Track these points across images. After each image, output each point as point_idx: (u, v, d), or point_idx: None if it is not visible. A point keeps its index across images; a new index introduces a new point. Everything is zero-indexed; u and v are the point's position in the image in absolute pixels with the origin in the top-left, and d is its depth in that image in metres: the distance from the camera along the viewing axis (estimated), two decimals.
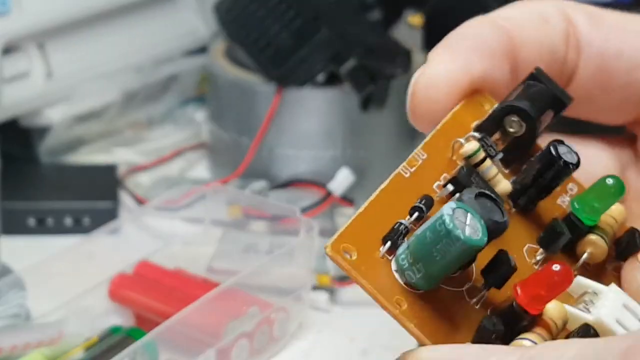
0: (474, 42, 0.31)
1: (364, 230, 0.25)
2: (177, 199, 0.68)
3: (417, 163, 0.27)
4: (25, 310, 0.59)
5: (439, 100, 0.30)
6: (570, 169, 0.27)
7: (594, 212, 0.28)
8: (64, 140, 0.80)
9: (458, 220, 0.24)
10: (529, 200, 0.28)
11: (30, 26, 0.75)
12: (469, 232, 0.24)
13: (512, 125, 0.28)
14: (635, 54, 0.32)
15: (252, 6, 0.78)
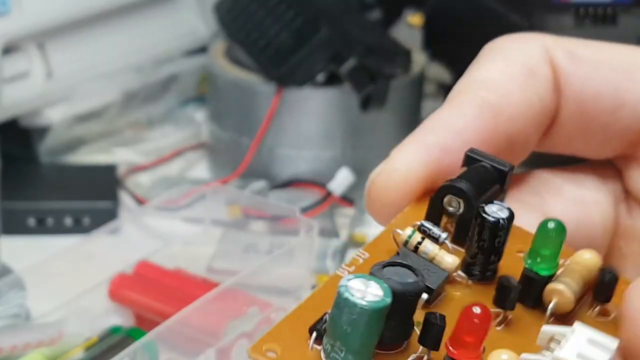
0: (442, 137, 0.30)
1: (291, 329, 0.25)
2: (177, 199, 0.68)
3: (357, 262, 0.28)
4: (25, 310, 0.59)
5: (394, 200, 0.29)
6: (502, 225, 0.27)
7: (546, 259, 0.27)
8: (63, 140, 0.81)
9: (356, 289, 0.24)
10: (482, 267, 0.28)
11: (30, 26, 0.75)
12: (369, 297, 0.24)
13: (452, 205, 0.28)
14: (616, 93, 0.30)
15: (252, 6, 0.78)
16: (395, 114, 0.77)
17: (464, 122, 0.30)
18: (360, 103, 0.73)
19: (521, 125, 0.30)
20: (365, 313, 0.24)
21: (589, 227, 0.31)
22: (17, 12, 0.74)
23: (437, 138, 0.30)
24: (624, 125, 0.31)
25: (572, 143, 0.32)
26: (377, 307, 0.24)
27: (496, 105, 0.30)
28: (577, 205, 0.31)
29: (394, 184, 0.29)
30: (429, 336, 0.25)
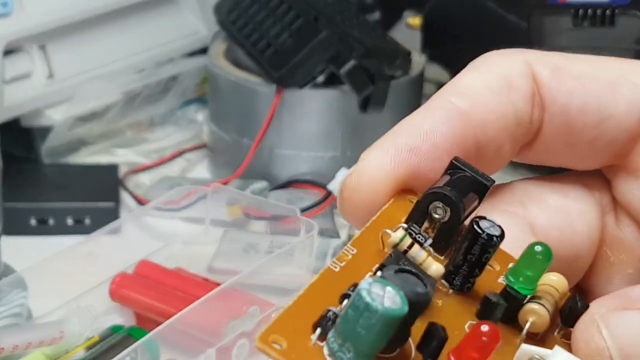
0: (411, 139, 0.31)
1: (294, 321, 0.26)
2: (177, 199, 0.69)
3: (347, 258, 0.28)
4: (27, 309, 0.59)
5: (364, 200, 0.30)
6: (495, 242, 0.28)
7: (528, 280, 0.28)
8: (65, 141, 0.81)
9: (375, 294, 0.24)
10: (464, 279, 0.28)
11: (32, 27, 0.76)
12: (388, 304, 0.24)
13: (437, 212, 0.28)
14: (600, 107, 0.30)
15: (252, 8, 0.78)
16: (395, 114, 0.77)
17: (431, 124, 0.30)
18: (360, 104, 0.73)
19: (492, 134, 0.30)
20: (384, 319, 0.24)
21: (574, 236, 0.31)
22: (19, 13, 0.75)
23: (406, 139, 0.31)
24: (610, 138, 0.31)
25: (558, 155, 0.32)
26: (396, 315, 0.24)
27: (465, 111, 0.30)
28: (561, 215, 0.31)
29: (365, 184, 0.30)
30: (430, 346, 0.26)
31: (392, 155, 0.30)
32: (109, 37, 0.82)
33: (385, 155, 0.31)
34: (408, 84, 0.77)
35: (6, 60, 0.74)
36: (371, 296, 0.24)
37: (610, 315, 0.27)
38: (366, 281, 0.25)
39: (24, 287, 0.59)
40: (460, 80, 0.31)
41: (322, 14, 0.75)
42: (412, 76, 0.77)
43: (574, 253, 0.31)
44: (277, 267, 0.63)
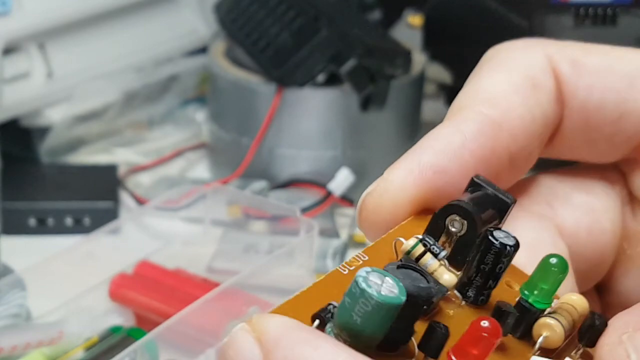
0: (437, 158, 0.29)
1: (294, 311, 0.26)
2: (177, 199, 0.68)
3: (357, 263, 0.28)
4: (26, 310, 0.59)
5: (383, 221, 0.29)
6: (508, 251, 0.27)
7: (543, 294, 0.28)
8: (64, 141, 0.81)
9: (373, 282, 0.24)
10: (477, 291, 0.28)
11: (31, 26, 0.76)
12: (385, 292, 0.24)
13: (454, 225, 0.28)
14: (619, 102, 0.30)
15: (252, 7, 0.78)
16: (396, 114, 0.77)
17: (461, 141, 0.29)
18: (360, 103, 0.73)
19: (523, 142, 0.30)
20: (380, 307, 0.24)
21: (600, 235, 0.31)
22: (18, 12, 0.75)
23: (431, 158, 0.29)
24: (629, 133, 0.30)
25: (576, 150, 0.31)
26: (392, 303, 0.24)
27: (497, 122, 0.29)
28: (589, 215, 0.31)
29: (385, 207, 0.29)
30: (431, 343, 0.25)
31: (416, 176, 0.29)
32: (108, 36, 0.82)
33: (409, 175, 0.29)
34: (408, 83, 0.77)
35: (5, 59, 0.74)
36: (368, 283, 0.24)
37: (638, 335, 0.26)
38: (364, 269, 0.24)
39: (23, 287, 0.59)
40: (483, 84, 0.30)
41: (322, 13, 0.75)
42: (413, 75, 0.77)
43: (600, 252, 0.31)
44: (277, 267, 0.63)
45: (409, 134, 0.80)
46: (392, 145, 0.78)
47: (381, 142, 0.77)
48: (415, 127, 0.80)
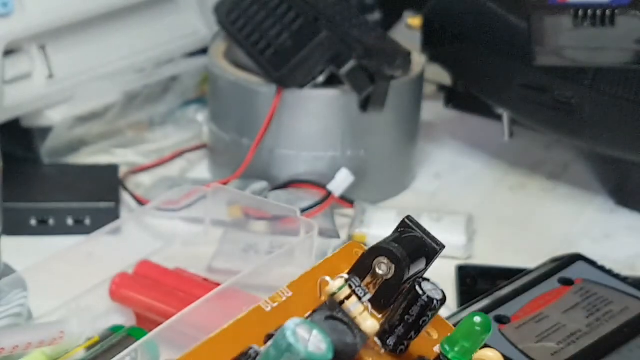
0: None
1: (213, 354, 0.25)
2: (177, 200, 0.69)
3: (280, 299, 0.27)
4: (27, 310, 0.59)
5: None
6: (435, 305, 0.27)
7: (464, 351, 0.27)
8: (65, 141, 0.81)
9: (301, 336, 0.24)
10: (398, 340, 0.27)
11: (32, 28, 0.76)
12: (312, 348, 0.24)
13: (381, 268, 0.28)
14: None
15: (252, 8, 0.78)
16: (395, 115, 0.77)
17: None
18: (360, 104, 0.74)
19: None
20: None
21: None
22: (19, 13, 0.75)
23: None
24: None
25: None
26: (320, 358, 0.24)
27: None
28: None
29: None
30: None
31: None
32: (109, 37, 0.82)
33: None
34: (408, 84, 0.77)
35: (6, 60, 0.75)
36: (296, 337, 0.23)
37: None
38: (292, 321, 0.24)
39: (24, 287, 0.59)
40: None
41: (322, 14, 0.75)
42: (412, 76, 0.77)
43: None
44: (277, 267, 0.63)
45: (408, 134, 0.80)
46: (391, 145, 0.78)
47: (381, 142, 0.77)
48: (415, 128, 0.81)
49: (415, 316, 0.27)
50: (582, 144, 0.75)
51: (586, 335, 0.58)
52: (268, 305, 0.27)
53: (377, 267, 0.28)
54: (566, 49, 0.70)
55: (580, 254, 0.66)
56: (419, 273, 0.28)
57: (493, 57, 0.76)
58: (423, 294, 0.27)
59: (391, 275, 0.27)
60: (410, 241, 0.28)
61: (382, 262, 0.28)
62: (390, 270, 0.27)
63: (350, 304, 0.27)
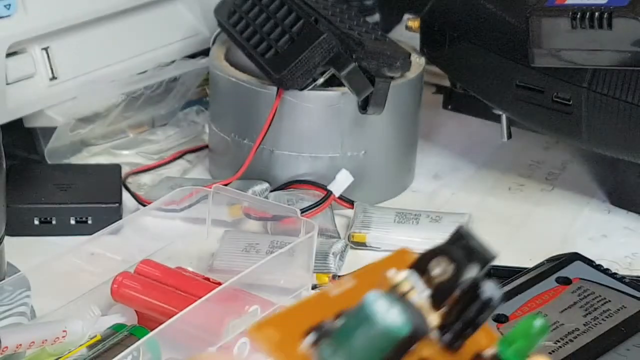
0: None
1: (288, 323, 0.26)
2: (179, 200, 0.69)
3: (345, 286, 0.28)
4: (30, 309, 0.60)
5: None
6: (494, 305, 0.28)
7: (520, 352, 0.28)
8: (67, 142, 0.81)
9: (381, 307, 0.24)
10: (454, 336, 0.28)
11: (35, 29, 0.76)
12: (391, 320, 0.24)
13: (438, 269, 0.28)
14: None
15: (253, 10, 0.78)
16: (395, 116, 0.77)
17: None
18: (359, 105, 0.74)
19: None
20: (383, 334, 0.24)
21: None
22: (22, 14, 0.75)
23: None
24: None
25: None
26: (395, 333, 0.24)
27: None
28: None
29: None
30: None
31: None
32: (111, 38, 0.82)
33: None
34: (407, 85, 0.78)
35: (9, 61, 0.75)
36: (376, 308, 0.24)
37: None
38: (373, 293, 0.24)
39: (28, 286, 0.59)
40: None
41: (322, 16, 0.75)
42: (412, 78, 0.78)
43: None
44: (277, 267, 0.63)
45: (407, 135, 0.80)
46: (391, 146, 0.78)
47: (380, 143, 0.77)
48: (414, 129, 0.81)
49: (473, 313, 0.28)
50: (580, 144, 0.76)
51: (583, 334, 0.59)
52: (333, 290, 0.27)
53: (433, 269, 0.28)
54: (564, 51, 0.70)
55: (577, 253, 0.66)
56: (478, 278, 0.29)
57: (491, 59, 0.76)
58: (482, 292, 0.28)
59: (448, 276, 0.28)
60: (465, 246, 0.29)
61: (440, 262, 0.28)
62: (448, 270, 0.28)
63: (411, 298, 0.27)
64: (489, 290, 0.28)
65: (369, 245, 0.73)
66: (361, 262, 0.67)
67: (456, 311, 0.28)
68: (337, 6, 0.78)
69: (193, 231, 0.70)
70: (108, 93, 0.81)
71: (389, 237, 0.72)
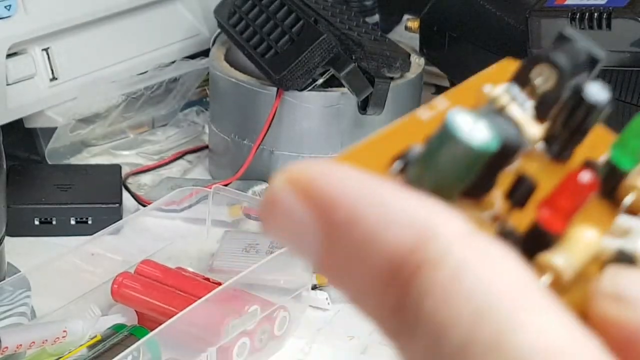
0: None
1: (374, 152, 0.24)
2: (179, 200, 0.69)
3: (437, 108, 0.26)
4: (31, 309, 0.60)
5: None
6: (601, 106, 0.26)
7: (633, 152, 0.26)
8: (67, 142, 0.81)
9: (465, 124, 0.22)
10: (562, 145, 0.26)
11: (35, 30, 0.76)
12: (476, 136, 0.22)
13: (542, 77, 0.27)
14: None
15: (253, 11, 0.78)
16: (394, 116, 0.77)
17: None
18: (359, 106, 0.74)
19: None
20: (469, 151, 0.22)
21: None
22: (22, 16, 0.75)
23: None
24: None
25: None
26: (482, 149, 0.22)
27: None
28: None
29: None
30: (518, 193, 0.24)
31: None
32: (111, 39, 0.82)
33: None
34: (407, 86, 0.78)
35: (10, 62, 0.75)
36: (460, 125, 0.22)
37: None
38: (455, 110, 0.22)
39: (28, 286, 0.60)
40: None
41: (322, 16, 0.75)
42: (411, 78, 0.78)
43: None
44: (277, 267, 0.64)
45: None
46: None
47: None
48: None
49: (580, 119, 0.26)
50: None
51: None
52: (424, 114, 0.26)
53: (536, 77, 0.26)
54: None
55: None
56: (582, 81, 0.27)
57: (490, 59, 0.76)
58: (588, 95, 0.26)
59: (552, 84, 0.26)
60: (570, 49, 0.27)
61: (543, 70, 0.26)
62: (551, 78, 0.26)
63: (511, 111, 0.26)
64: (594, 92, 0.26)
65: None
66: None
67: (562, 120, 0.26)
68: (336, 7, 0.78)
69: (193, 231, 0.70)
70: (108, 94, 0.81)
71: None
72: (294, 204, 0.21)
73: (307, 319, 0.65)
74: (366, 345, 0.63)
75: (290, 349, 0.63)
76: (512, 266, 0.20)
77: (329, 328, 0.65)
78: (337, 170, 0.21)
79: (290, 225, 0.21)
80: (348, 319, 0.65)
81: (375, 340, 0.63)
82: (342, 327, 0.65)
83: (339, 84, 0.74)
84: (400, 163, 0.23)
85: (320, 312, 0.66)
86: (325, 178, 0.21)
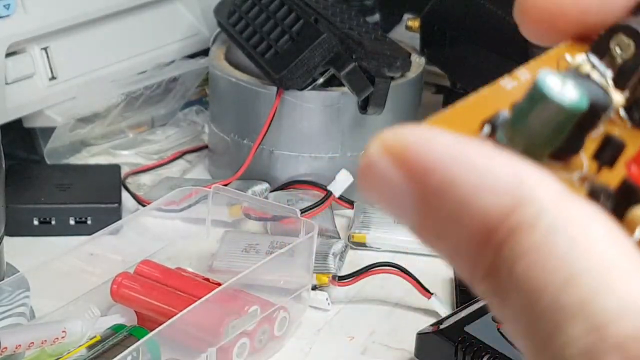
0: None
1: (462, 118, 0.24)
2: (178, 200, 0.69)
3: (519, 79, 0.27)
4: (30, 309, 0.60)
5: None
6: None
7: None
8: (67, 142, 0.81)
9: (555, 84, 0.23)
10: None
11: (34, 29, 0.76)
12: (567, 96, 0.23)
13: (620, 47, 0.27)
14: None
15: (253, 10, 0.78)
16: (395, 115, 0.77)
17: None
18: (359, 105, 0.74)
19: None
20: (562, 111, 0.23)
21: None
22: (21, 15, 0.75)
23: None
24: None
25: None
26: (573, 109, 0.23)
27: None
28: None
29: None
30: (607, 153, 0.25)
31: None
32: (111, 38, 0.82)
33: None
34: (407, 85, 0.78)
35: (9, 61, 0.75)
36: (550, 86, 0.23)
37: None
38: (545, 71, 0.23)
39: (27, 287, 0.59)
40: None
41: (322, 16, 0.75)
42: (412, 78, 0.78)
43: None
44: (277, 267, 0.63)
45: None
46: None
47: None
48: None
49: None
50: None
51: None
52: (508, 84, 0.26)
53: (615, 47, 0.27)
54: None
55: None
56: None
57: (491, 59, 0.76)
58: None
59: (631, 54, 0.27)
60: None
61: (622, 40, 0.27)
62: (630, 48, 0.27)
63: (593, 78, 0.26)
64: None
65: (369, 245, 0.73)
66: (361, 263, 0.67)
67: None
68: (337, 6, 0.78)
69: (193, 231, 0.70)
70: (107, 93, 0.81)
71: (389, 238, 0.72)
72: (389, 170, 0.21)
73: (307, 320, 0.65)
74: (366, 346, 0.63)
75: (290, 350, 0.63)
76: (605, 229, 0.21)
77: (329, 328, 0.65)
78: (430, 135, 0.22)
79: (386, 190, 0.22)
80: (348, 319, 0.65)
81: (375, 341, 0.63)
82: (342, 328, 0.65)
83: (339, 83, 0.74)
84: (489, 127, 0.24)
85: (321, 313, 0.66)
86: (419, 143, 0.21)
